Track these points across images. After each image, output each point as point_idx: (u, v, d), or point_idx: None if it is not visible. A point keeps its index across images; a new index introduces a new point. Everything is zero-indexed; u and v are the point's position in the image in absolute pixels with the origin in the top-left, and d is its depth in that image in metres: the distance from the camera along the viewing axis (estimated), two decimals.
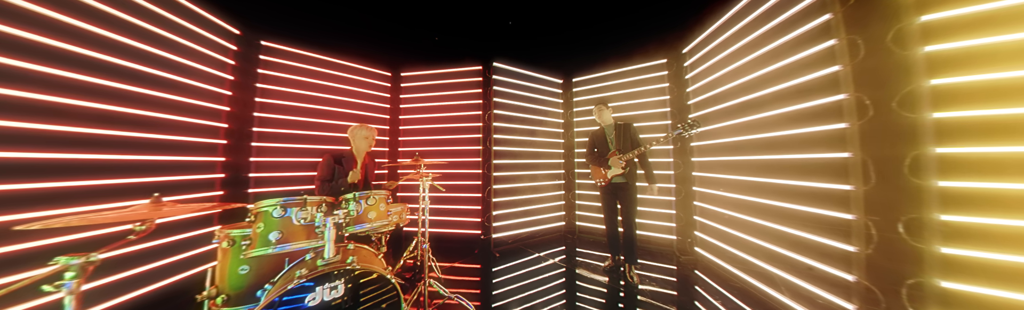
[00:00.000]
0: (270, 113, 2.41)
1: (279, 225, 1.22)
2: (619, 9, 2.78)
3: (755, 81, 1.80)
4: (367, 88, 2.99)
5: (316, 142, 2.60)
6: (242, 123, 2.23)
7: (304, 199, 1.26)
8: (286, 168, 2.43)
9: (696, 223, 2.41)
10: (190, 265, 1.86)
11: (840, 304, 1.34)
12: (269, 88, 2.43)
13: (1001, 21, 0.98)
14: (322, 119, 2.66)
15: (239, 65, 2.23)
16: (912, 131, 1.11)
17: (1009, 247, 0.97)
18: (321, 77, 2.70)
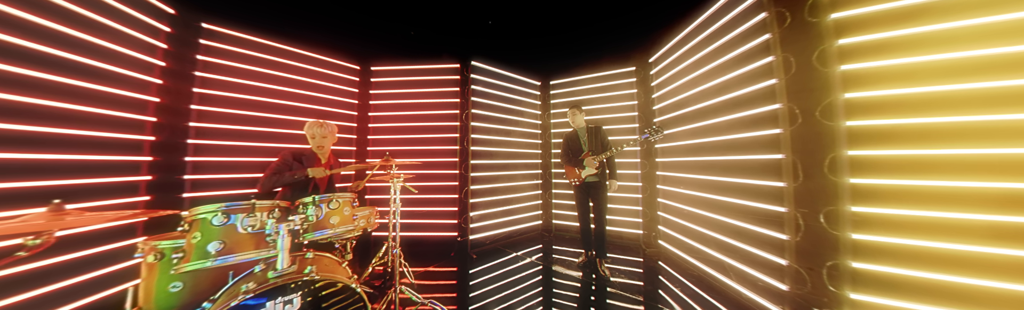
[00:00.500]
0: (212, 106, 2.06)
1: (220, 234, 1.08)
2: (594, 17, 2.86)
3: (709, 90, 1.96)
4: (332, 81, 2.68)
5: (270, 139, 2.29)
6: (175, 117, 1.88)
7: (252, 204, 1.12)
8: (232, 169, 2.09)
9: (659, 218, 2.57)
10: (107, 284, 1.54)
11: (775, 285, 1.51)
12: (211, 77, 2.08)
13: (901, 46, 1.18)
14: (277, 114, 2.35)
15: (173, 49, 1.89)
16: (830, 136, 1.28)
17: (906, 233, 1.16)
18: (276, 67, 2.37)
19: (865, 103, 1.24)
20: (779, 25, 1.45)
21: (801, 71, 1.38)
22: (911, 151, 1.16)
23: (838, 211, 1.26)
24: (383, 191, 2.85)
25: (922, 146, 1.15)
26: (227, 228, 1.08)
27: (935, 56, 1.13)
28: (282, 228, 1.06)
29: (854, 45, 1.27)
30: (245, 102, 2.22)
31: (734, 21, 1.78)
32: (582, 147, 2.27)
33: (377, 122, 2.92)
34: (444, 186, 2.78)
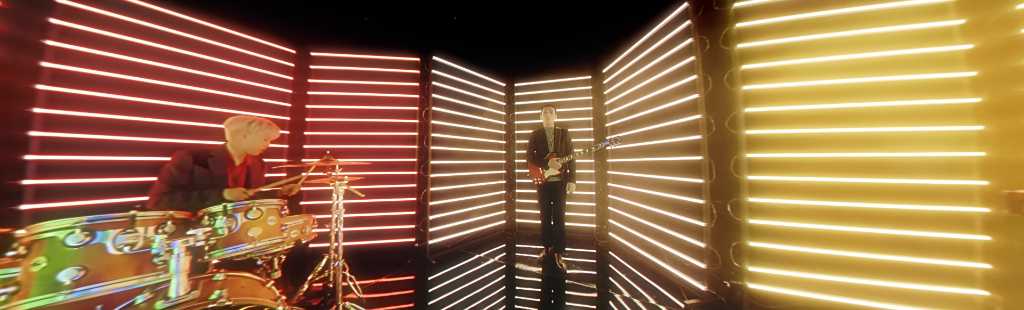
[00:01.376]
0: (71, 87, 1.46)
1: (79, 258, 0.79)
2: (557, 26, 2.97)
3: (648, 101, 2.21)
4: (256, 65, 2.13)
5: (165, 134, 1.71)
6: (5, 101, 1.30)
7: (132, 216, 0.85)
8: (102, 172, 1.52)
9: (610, 213, 2.79)
10: None
11: (696, 264, 1.76)
12: (70, 49, 1.46)
13: (788, 73, 1.47)
14: (173, 101, 1.74)
15: (7, 6, 1.29)
16: (735, 142, 1.55)
17: (788, 217, 1.44)
18: (168, 41, 1.73)
19: (759, 116, 1.53)
20: (701, 50, 1.70)
21: (716, 89, 1.64)
22: (790, 154, 1.46)
23: (740, 202, 1.53)
24: (323, 196, 2.35)
25: (798, 151, 1.46)
26: (90, 249, 0.80)
27: (809, 82, 1.44)
28: (177, 245, 0.81)
29: (753, 70, 1.55)
30: (120, 84, 1.58)
31: (668, 44, 2.04)
32: (548, 147, 2.30)
33: (317, 116, 2.43)
34: (401, 188, 2.50)
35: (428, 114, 2.58)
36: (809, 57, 1.47)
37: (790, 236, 1.47)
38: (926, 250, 1.28)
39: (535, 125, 2.93)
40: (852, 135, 1.40)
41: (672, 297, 1.72)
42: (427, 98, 2.59)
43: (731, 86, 1.58)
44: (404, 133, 2.57)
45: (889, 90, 1.37)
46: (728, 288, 1.57)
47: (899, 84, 1.36)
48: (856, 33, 1.41)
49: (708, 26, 1.70)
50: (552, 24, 2.95)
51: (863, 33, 1.40)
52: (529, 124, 3.33)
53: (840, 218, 1.39)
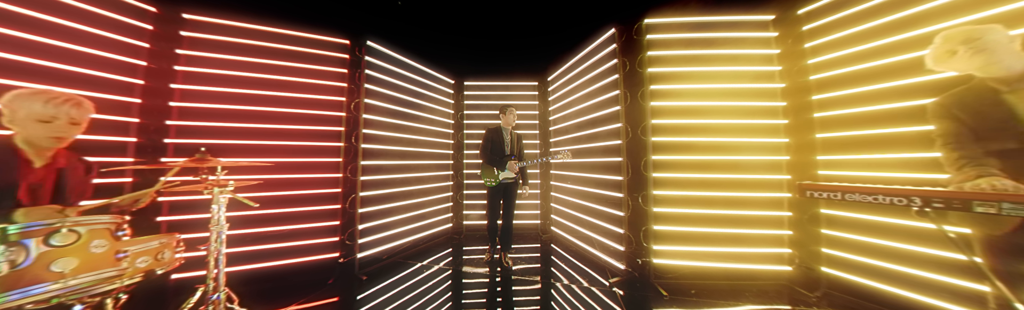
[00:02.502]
0: None
1: None
2: (510, 32, 3.04)
3: (582, 110, 2.53)
4: (87, 22, 1.48)
5: None
6: None
7: None
8: None
9: (552, 209, 3.05)
10: None
11: (617, 247, 2.11)
12: None
13: (684, 95, 1.89)
14: None
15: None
16: (645, 147, 1.93)
17: (680, 206, 1.86)
18: None
19: (661, 126, 1.96)
20: (623, 70, 2.05)
21: (632, 103, 2.00)
22: (682, 157, 1.92)
23: (648, 194, 1.90)
24: (198, 208, 1.74)
25: (688, 154, 1.94)
26: None
27: (697, 102, 1.91)
28: None
29: (658, 90, 1.97)
30: None
31: (599, 61, 2.38)
32: (505, 149, 2.29)
33: (190, 100, 1.79)
34: (320, 195, 2.04)
35: (359, 107, 2.16)
36: (693, 83, 1.96)
37: (679, 219, 1.88)
38: (753, 224, 1.82)
39: (485, 125, 2.99)
40: (715, 143, 1.90)
41: (601, 278, 2.00)
42: (358, 88, 2.16)
43: (643, 101, 1.95)
44: (326, 128, 2.11)
45: (740, 112, 1.89)
46: (640, 264, 1.93)
47: (750, 108, 1.93)
48: (725, 69, 1.94)
49: (629, 51, 2.06)
50: (505, 28, 2.99)
51: (730, 70, 1.94)
52: (478, 124, 3.25)
53: (706, 204, 1.86)
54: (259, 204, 1.28)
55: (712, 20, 2.03)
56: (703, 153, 1.93)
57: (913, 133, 1.34)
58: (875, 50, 1.49)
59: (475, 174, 3.14)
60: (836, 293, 1.69)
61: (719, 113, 1.93)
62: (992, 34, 0.86)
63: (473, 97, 3.36)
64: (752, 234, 1.87)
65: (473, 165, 3.22)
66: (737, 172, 1.89)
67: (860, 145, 1.56)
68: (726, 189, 1.89)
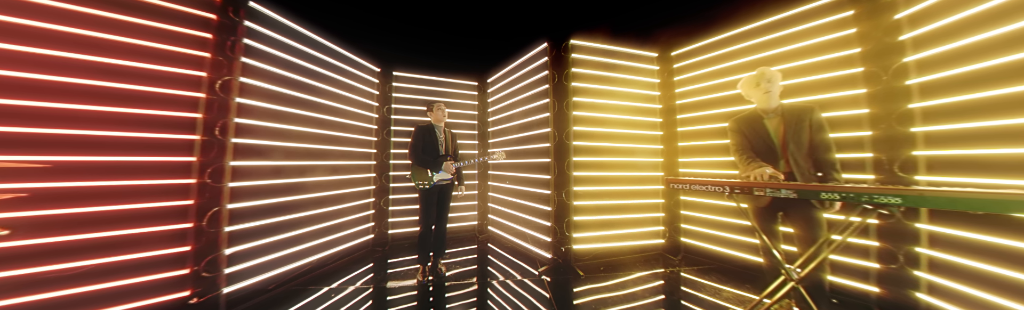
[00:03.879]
0: None
1: None
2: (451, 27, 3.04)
3: (518, 113, 2.89)
4: None
5: None
6: None
7: None
8: None
9: (489, 208, 3.26)
10: None
11: (545, 239, 2.37)
12: None
13: (597, 107, 2.27)
14: None
15: None
16: (568, 150, 2.39)
17: (592, 199, 2.33)
18: None
19: (580, 132, 2.43)
20: (552, 81, 2.34)
21: (559, 111, 2.32)
22: (595, 158, 2.44)
23: (569, 190, 2.22)
24: None
25: (598, 156, 2.44)
26: None
27: (605, 114, 2.44)
28: None
29: (578, 102, 2.43)
30: None
31: (534, 70, 2.70)
32: (439, 148, 2.19)
33: None
34: (152, 211, 1.47)
35: (229, 87, 1.64)
36: (602, 99, 2.52)
37: (591, 210, 2.40)
38: (641, 210, 2.51)
39: (414, 122, 2.94)
40: (616, 148, 2.52)
41: (532, 269, 2.23)
42: (230, 62, 1.66)
43: (567, 110, 2.28)
44: (169, 113, 1.51)
45: (633, 124, 2.57)
46: (563, 252, 2.23)
47: (640, 122, 2.60)
48: (624, 90, 2.56)
49: (558, 65, 2.40)
50: (445, 21, 2.99)
51: (627, 91, 2.56)
52: (409, 120, 3.06)
53: (610, 196, 2.48)
54: (9, 231, 0.84)
55: (617, 49, 2.55)
56: (608, 155, 2.53)
57: (724, 144, 2.02)
58: (715, 86, 2.34)
59: (404, 176, 2.95)
60: (691, 256, 2.51)
61: (620, 124, 2.58)
62: (778, 81, 1.47)
63: (405, 90, 3.13)
64: (640, 217, 2.58)
65: (402, 166, 3.00)
66: (631, 171, 2.58)
67: (703, 152, 2.42)
68: (623, 184, 2.55)
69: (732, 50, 2.22)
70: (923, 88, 1.48)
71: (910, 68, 1.51)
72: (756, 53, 2.08)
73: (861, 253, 1.66)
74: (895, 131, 1.54)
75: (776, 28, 2.00)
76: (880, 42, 1.60)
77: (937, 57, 1.41)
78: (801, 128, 1.41)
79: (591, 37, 2.50)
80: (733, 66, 2.21)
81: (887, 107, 1.56)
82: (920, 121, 1.48)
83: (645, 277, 2.15)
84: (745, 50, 2.15)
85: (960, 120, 1.36)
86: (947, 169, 1.40)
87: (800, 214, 1.40)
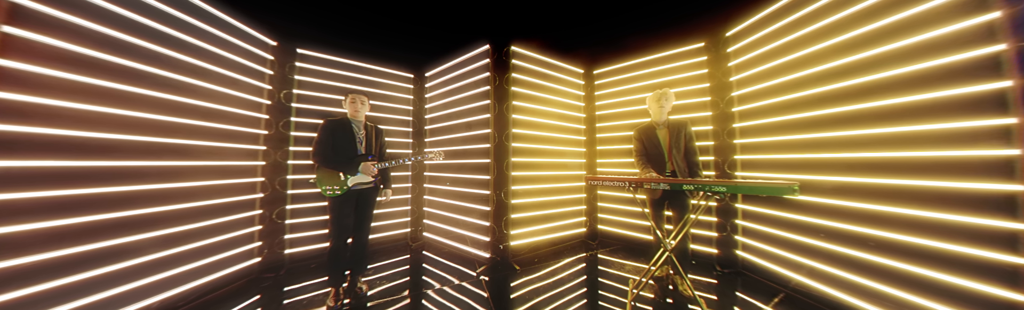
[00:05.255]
0: None
1: None
2: (386, 9, 2.83)
3: (459, 113, 3.00)
4: None
5: None
6: None
7: None
8: None
9: (425, 213, 3.29)
10: None
11: (484, 239, 2.47)
12: None
13: (533, 112, 2.47)
14: None
15: None
16: (507, 151, 2.68)
17: (527, 197, 2.59)
18: None
19: (519, 135, 2.76)
20: (494, 83, 2.45)
21: (500, 113, 2.46)
22: (530, 159, 2.79)
23: (508, 190, 2.37)
24: None
25: (533, 157, 2.79)
26: None
27: (540, 119, 2.82)
28: None
29: (517, 105, 2.76)
30: None
31: (476, 71, 2.84)
32: (358, 146, 1.91)
33: None
34: None
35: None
36: (537, 104, 2.89)
37: (526, 207, 2.77)
38: (568, 204, 3.04)
39: (326, 114, 2.57)
40: (549, 150, 2.94)
41: (470, 271, 2.30)
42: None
43: (507, 113, 2.43)
44: None
45: (562, 129, 3.04)
46: (502, 249, 2.35)
47: (568, 128, 3.07)
48: (557, 99, 3.00)
49: (499, 68, 2.58)
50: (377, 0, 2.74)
51: (559, 99, 3.00)
52: (319, 111, 2.58)
53: (542, 194, 2.92)
54: None
55: (553, 62, 2.89)
56: (542, 157, 2.92)
57: (627, 149, 2.59)
58: (625, 102, 2.97)
59: (303, 180, 2.47)
60: (605, 239, 3.10)
61: (552, 128, 3.01)
62: (672, 100, 2.09)
63: (315, 74, 2.65)
64: (568, 211, 3.07)
65: (303, 167, 2.51)
66: (561, 170, 3.04)
67: (616, 154, 3.03)
68: (555, 182, 2.98)
69: (637, 74, 2.96)
70: (741, 114, 2.33)
71: (735, 100, 2.37)
72: (652, 79, 2.86)
73: (706, 226, 2.48)
74: (726, 142, 2.38)
75: (664, 61, 2.79)
76: (719, 81, 2.45)
77: (750, 94, 2.24)
78: (680, 137, 2.02)
79: (529, 47, 2.77)
80: (637, 87, 2.95)
81: (722, 125, 2.41)
82: (739, 136, 2.32)
83: (571, 262, 2.57)
84: (645, 75, 2.91)
85: (759, 136, 2.17)
86: (752, 168, 2.25)
87: (678, 202, 1.99)
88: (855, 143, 1.53)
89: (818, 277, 1.68)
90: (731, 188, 1.40)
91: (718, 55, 2.35)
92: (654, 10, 2.59)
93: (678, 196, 1.92)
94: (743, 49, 2.19)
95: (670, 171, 1.94)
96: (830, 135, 1.63)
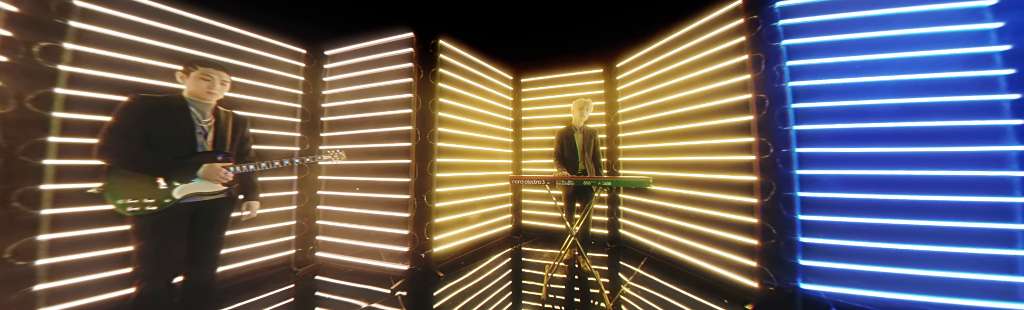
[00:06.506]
0: None
1: None
2: None
3: (369, 105, 2.65)
4: None
5: None
6: None
7: None
8: None
9: (319, 228, 2.72)
10: None
11: (401, 249, 2.42)
12: None
13: (460, 111, 2.42)
14: None
15: None
16: (431, 150, 2.57)
17: (450, 199, 2.64)
18: None
19: (445, 134, 2.65)
20: (417, 76, 2.28)
21: (424, 110, 2.35)
22: (452, 160, 2.74)
23: (432, 193, 2.29)
24: None
25: (458, 157, 2.76)
26: None
27: (468, 119, 2.82)
28: None
29: (444, 103, 2.66)
30: None
31: (395, 59, 2.63)
32: (199, 140, 1.36)
33: None
34: None
35: None
36: (465, 104, 2.86)
37: (449, 211, 2.72)
38: (495, 203, 3.18)
39: (141, 88, 1.73)
40: (476, 151, 2.99)
41: (383, 290, 2.00)
42: None
43: (433, 110, 2.30)
44: None
45: (491, 131, 3.15)
46: (424, 258, 2.20)
47: (497, 130, 3.20)
48: (486, 101, 3.07)
49: (425, 61, 2.44)
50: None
51: (490, 102, 3.08)
52: (117, 82, 1.71)
53: (466, 195, 2.91)
54: None
55: (483, 64, 2.94)
56: (470, 157, 2.92)
57: (549, 151, 2.97)
58: (548, 110, 3.37)
59: (93, 192, 1.33)
60: (528, 233, 3.44)
61: (481, 129, 3.07)
62: (590, 108, 2.49)
63: (124, 25, 1.76)
64: (495, 210, 3.20)
65: (89, 171, 1.61)
66: (487, 170, 3.14)
67: (536, 155, 3.42)
68: (483, 183, 3.04)
69: (556, 87, 3.50)
70: (623, 126, 3.10)
71: (620, 116, 3.14)
72: (568, 92, 3.45)
73: (601, 213, 3.24)
74: (613, 147, 2.97)
75: (577, 79, 3.43)
76: (611, 100, 3.20)
77: (629, 112, 3.00)
78: (591, 142, 2.50)
79: (459, 45, 2.70)
80: (557, 98, 3.48)
81: (611, 134, 3.05)
82: (621, 143, 3.05)
83: (497, 259, 2.74)
84: (563, 89, 3.47)
85: (633, 144, 2.88)
86: (630, 167, 3.03)
87: (584, 195, 2.40)
88: (683, 150, 2.37)
89: (664, 242, 2.47)
90: (615, 182, 1.96)
91: (611, 80, 3.17)
92: (572, 35, 3.24)
93: (585, 191, 2.40)
94: (625, 78, 3.04)
95: (581, 170, 2.39)
96: (670, 145, 2.48)
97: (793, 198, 1.67)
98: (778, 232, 1.69)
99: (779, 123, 1.72)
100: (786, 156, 1.70)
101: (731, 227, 1.97)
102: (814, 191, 1.64)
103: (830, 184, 1.65)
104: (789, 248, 1.67)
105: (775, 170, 1.72)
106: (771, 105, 1.74)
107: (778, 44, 1.74)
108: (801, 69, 1.70)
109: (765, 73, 1.77)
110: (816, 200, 1.64)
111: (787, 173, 1.69)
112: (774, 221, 1.71)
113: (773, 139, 1.74)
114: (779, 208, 1.70)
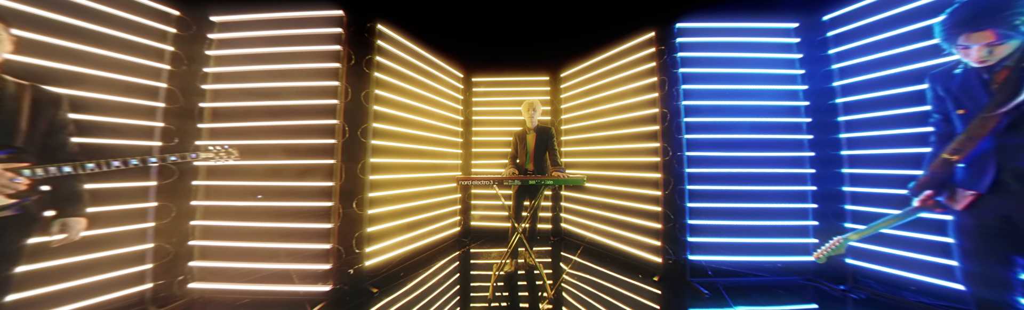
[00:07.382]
0: None
1: None
2: None
3: (274, 92, 2.17)
4: None
5: None
6: None
7: None
8: None
9: (195, 251, 1.88)
10: None
11: (321, 267, 2.01)
12: None
13: (402, 106, 2.21)
14: None
15: None
16: (363, 149, 2.26)
17: (386, 205, 2.41)
18: None
19: (381, 131, 2.37)
20: (346, 62, 2.01)
21: (354, 102, 2.12)
22: (391, 160, 2.48)
23: (363, 198, 2.12)
24: None
25: (397, 157, 2.51)
26: None
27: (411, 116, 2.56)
28: None
29: (381, 95, 2.37)
30: None
31: (317, 38, 2.27)
32: None
33: None
34: None
35: None
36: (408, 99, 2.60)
37: (385, 217, 2.43)
38: (441, 206, 2.93)
39: None
40: (423, 151, 2.78)
41: None
42: None
43: (367, 103, 2.06)
44: None
45: (440, 130, 2.92)
46: (352, 274, 1.93)
47: (448, 129, 2.94)
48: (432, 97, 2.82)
49: (357, 45, 2.19)
50: None
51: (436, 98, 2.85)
52: None
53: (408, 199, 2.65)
54: None
55: (431, 58, 2.99)
56: (413, 157, 2.72)
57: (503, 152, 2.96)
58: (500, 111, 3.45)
59: None
60: (478, 234, 3.38)
61: (426, 127, 2.87)
62: (540, 110, 2.59)
63: None
64: (441, 213, 3.04)
65: None
66: (433, 172, 2.97)
67: (488, 156, 3.42)
68: (427, 185, 2.85)
69: (507, 90, 3.61)
70: (566, 130, 3.44)
71: (562, 121, 3.47)
72: (518, 96, 3.60)
73: (546, 209, 3.47)
74: (559, 149, 3.24)
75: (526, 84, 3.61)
76: (556, 105, 3.44)
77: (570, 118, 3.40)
78: (544, 140, 2.55)
79: (402, 33, 2.46)
80: (508, 101, 3.57)
81: (557, 137, 3.36)
82: (565, 145, 3.32)
83: (443, 265, 2.62)
84: (513, 92, 3.62)
85: (574, 146, 3.27)
86: (573, 167, 3.45)
87: (531, 193, 2.56)
88: (611, 152, 2.88)
89: (596, 232, 2.89)
90: (557, 181, 2.12)
91: (556, 87, 3.54)
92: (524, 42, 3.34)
93: (531, 189, 2.50)
94: (568, 87, 3.42)
95: (530, 170, 2.50)
96: (601, 148, 2.96)
97: (684, 190, 2.27)
98: (675, 217, 2.26)
99: (676, 132, 2.30)
100: (680, 158, 2.29)
101: (643, 215, 2.47)
102: (697, 184, 2.25)
103: (705, 179, 2.31)
104: (681, 229, 2.25)
105: (673, 168, 2.30)
106: (671, 118, 2.31)
107: (677, 71, 2.32)
108: (690, 92, 2.30)
109: (668, 93, 2.34)
110: (698, 191, 2.25)
111: (680, 171, 2.29)
112: (672, 208, 2.27)
113: (672, 145, 2.31)
114: (675, 198, 2.28)
